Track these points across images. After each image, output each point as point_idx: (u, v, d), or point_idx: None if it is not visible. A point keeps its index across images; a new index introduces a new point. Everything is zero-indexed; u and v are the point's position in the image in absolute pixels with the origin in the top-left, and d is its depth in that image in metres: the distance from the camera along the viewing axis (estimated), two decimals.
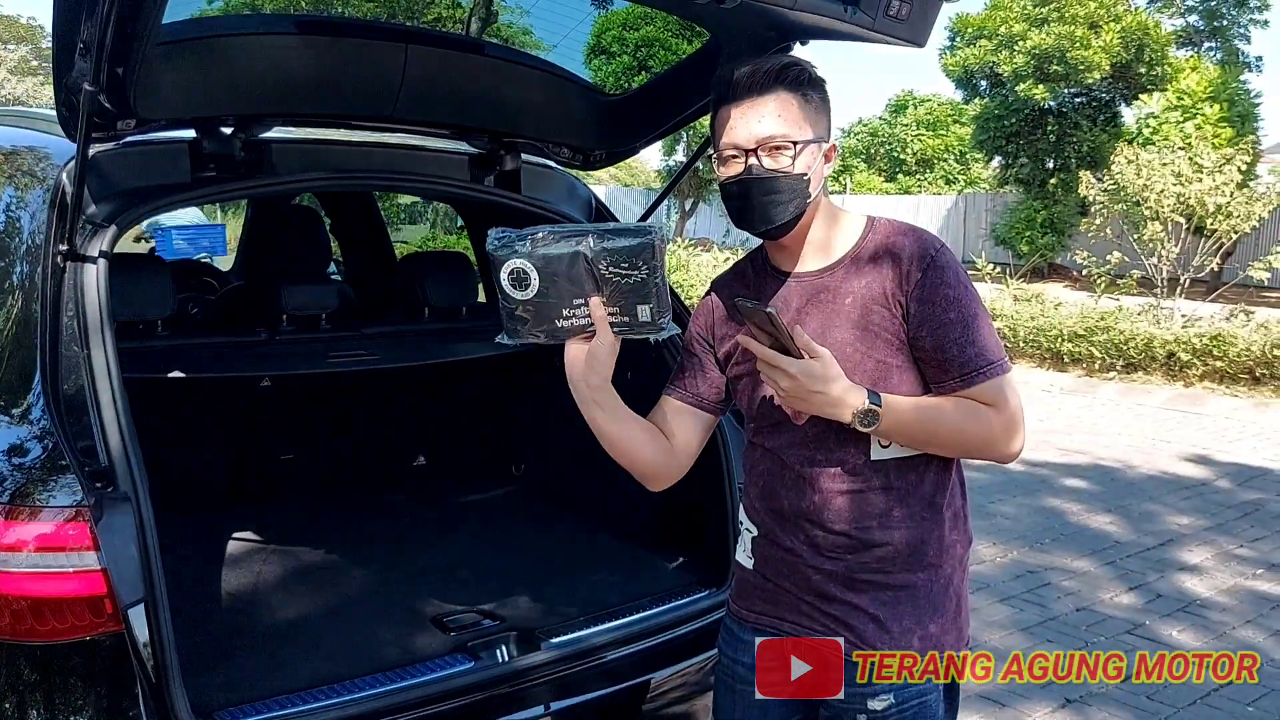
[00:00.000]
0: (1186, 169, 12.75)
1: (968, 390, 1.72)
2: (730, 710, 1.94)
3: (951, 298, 1.71)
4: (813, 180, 1.75)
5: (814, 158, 1.75)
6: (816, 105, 1.76)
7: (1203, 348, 10.03)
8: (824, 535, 1.77)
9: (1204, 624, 4.49)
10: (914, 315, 1.72)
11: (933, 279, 1.72)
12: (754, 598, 1.89)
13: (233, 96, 2.27)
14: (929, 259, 1.73)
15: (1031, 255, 20.47)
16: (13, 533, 1.80)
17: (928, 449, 1.76)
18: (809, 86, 1.75)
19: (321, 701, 2.11)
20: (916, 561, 1.78)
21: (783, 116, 1.73)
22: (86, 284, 2.01)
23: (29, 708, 1.84)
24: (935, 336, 1.71)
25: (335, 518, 3.25)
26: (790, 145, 1.72)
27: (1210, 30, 24.02)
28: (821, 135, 1.76)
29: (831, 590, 1.79)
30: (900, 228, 1.81)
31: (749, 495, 1.89)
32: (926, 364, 1.73)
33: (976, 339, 1.71)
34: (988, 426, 1.72)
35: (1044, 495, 6.49)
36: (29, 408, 1.96)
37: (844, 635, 1.79)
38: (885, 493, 1.76)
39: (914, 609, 1.79)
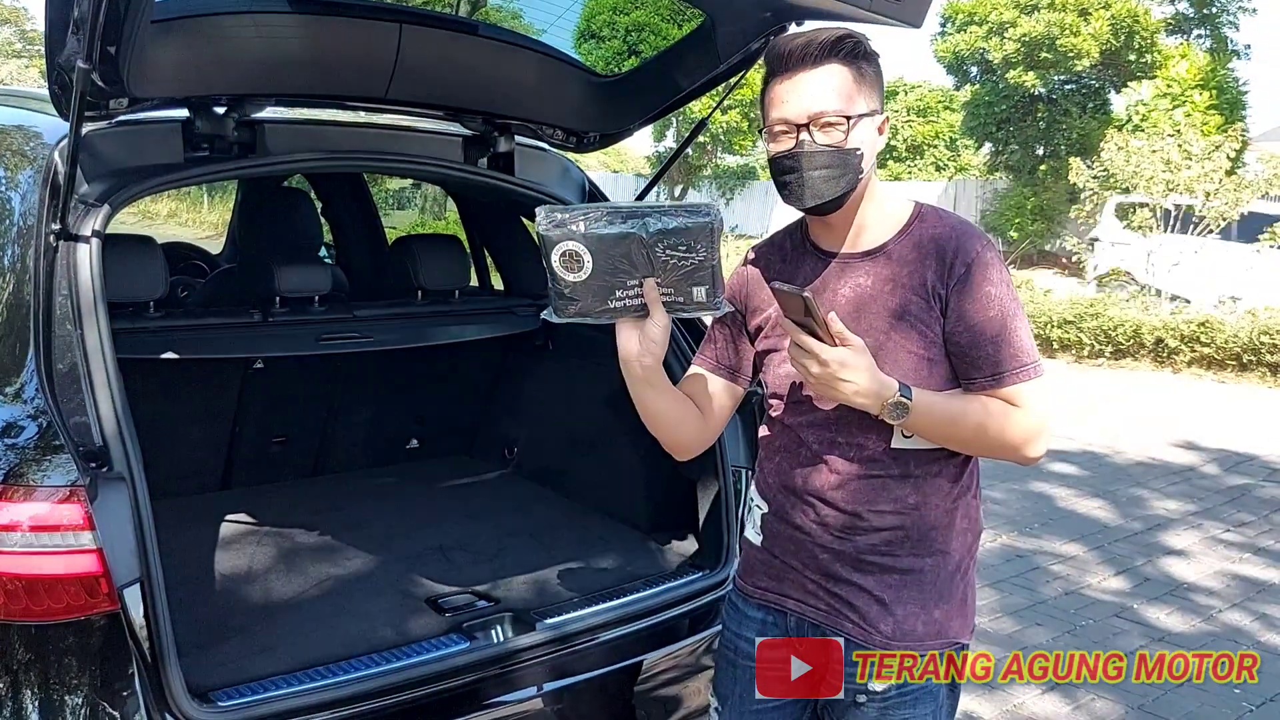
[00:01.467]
0: (1176, 156, 12.79)
1: (998, 390, 1.70)
2: (731, 686, 1.94)
3: (993, 295, 1.70)
4: (866, 155, 1.71)
5: (867, 132, 1.72)
6: (871, 78, 1.72)
7: (1190, 334, 10.09)
8: (835, 515, 1.77)
9: (1191, 608, 4.53)
10: (952, 310, 1.70)
11: (976, 275, 1.70)
12: (760, 574, 1.90)
13: (226, 76, 2.25)
14: (974, 254, 1.71)
15: (1021, 242, 20.51)
16: (7, 512, 1.79)
17: (950, 445, 1.74)
18: (863, 59, 1.71)
19: (318, 682, 2.11)
20: (925, 547, 1.78)
21: (837, 91, 1.68)
22: (79, 263, 2.00)
23: (24, 688, 1.83)
24: (971, 333, 1.69)
25: (328, 499, 3.24)
26: (843, 120, 1.68)
27: (1199, 18, 24.02)
28: (875, 108, 1.72)
29: (838, 570, 1.79)
30: (949, 219, 1.78)
31: (763, 471, 1.89)
32: (959, 359, 1.72)
33: (1013, 339, 1.69)
34: (1014, 428, 1.70)
35: (1033, 480, 6.52)
36: (22, 387, 1.95)
37: (848, 615, 1.79)
38: (902, 480, 1.75)
39: (919, 593, 1.78)
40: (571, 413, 3.38)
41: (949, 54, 22.50)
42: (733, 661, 1.94)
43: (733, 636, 1.95)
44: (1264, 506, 6.11)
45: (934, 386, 1.71)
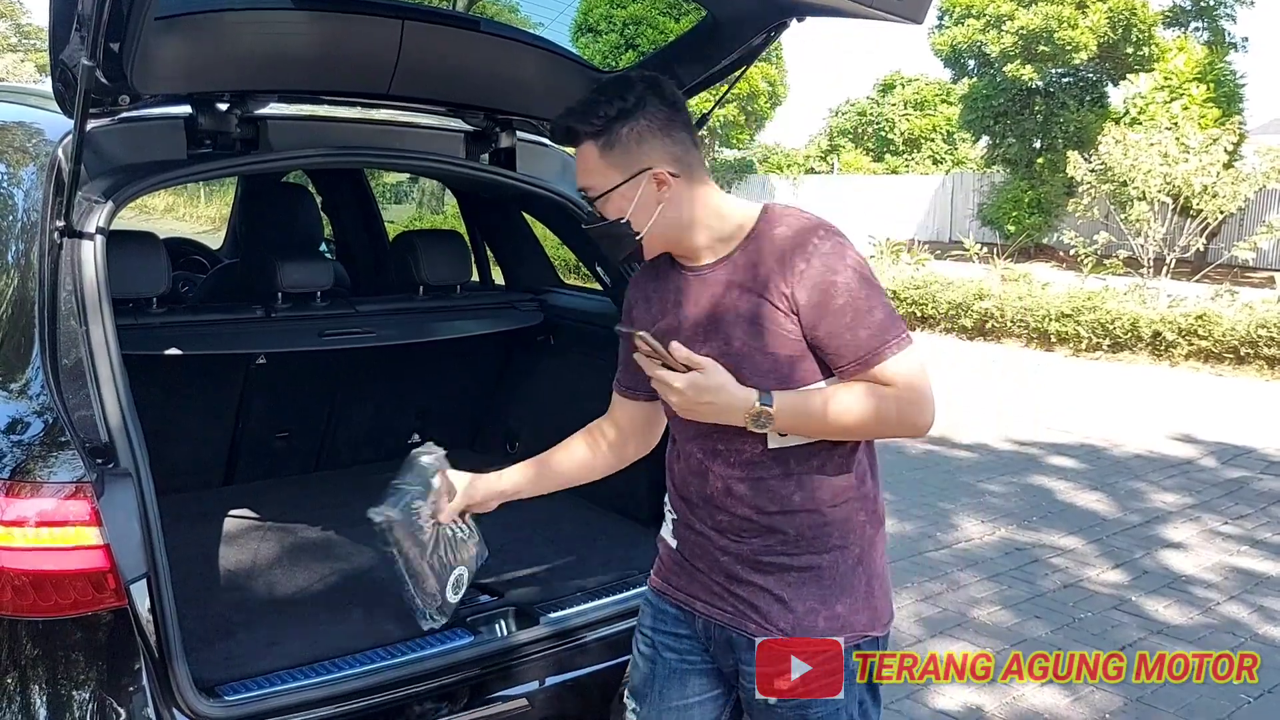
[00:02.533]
0: (1174, 149, 12.80)
1: (865, 374, 1.71)
2: (649, 683, 1.97)
3: (839, 284, 1.70)
4: (636, 218, 1.76)
5: (630, 198, 1.75)
6: (626, 144, 1.74)
7: (1188, 327, 10.10)
8: (727, 519, 1.81)
9: (1189, 600, 4.54)
10: (803, 306, 1.71)
11: (818, 268, 1.70)
12: (674, 574, 1.94)
13: (229, 72, 2.25)
14: (812, 248, 1.72)
15: (1018, 235, 20.53)
16: (14, 508, 1.80)
17: (834, 436, 1.76)
18: (617, 123, 1.73)
19: (323, 676, 2.12)
20: (821, 543, 1.79)
21: (585, 169, 1.78)
22: (84, 260, 2.01)
23: (31, 683, 1.84)
24: (826, 326, 1.70)
25: (331, 494, 3.25)
26: (598, 194, 1.77)
27: (1197, 11, 24.01)
28: (634, 171, 1.74)
29: (739, 572, 1.82)
30: (788, 218, 1.79)
31: (669, 483, 1.93)
32: (823, 351, 1.72)
33: (869, 322, 1.70)
34: (890, 406, 1.72)
35: (1031, 473, 6.53)
36: (28, 383, 1.96)
37: (750, 616, 1.82)
38: (785, 479, 1.77)
39: (819, 589, 1.80)
40: (573, 407, 3.35)
41: (946, 47, 22.49)
42: (651, 658, 1.97)
43: (650, 633, 1.98)
44: (1262, 499, 6.13)
45: (804, 382, 1.73)
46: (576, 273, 8.04)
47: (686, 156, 1.78)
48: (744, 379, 1.71)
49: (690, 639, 1.93)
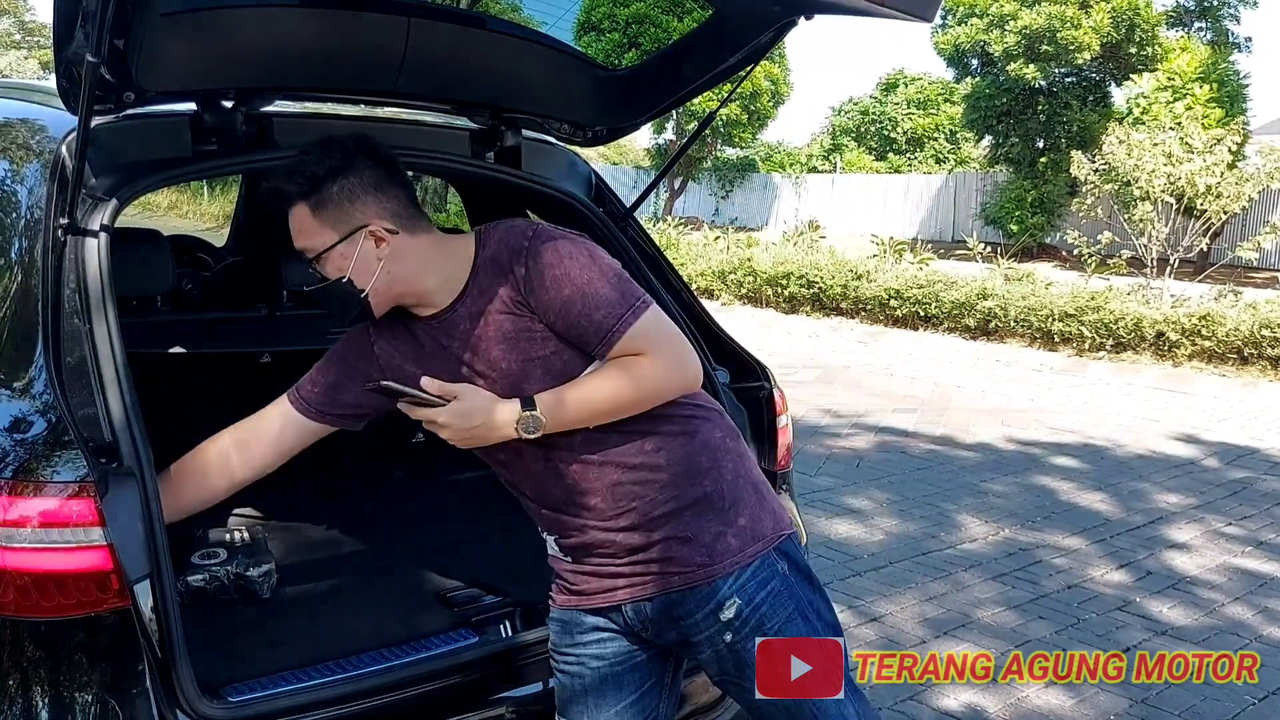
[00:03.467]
0: (1177, 149, 12.77)
1: (613, 351, 1.76)
2: (581, 699, 1.97)
3: (559, 276, 1.75)
4: (359, 276, 1.80)
5: (349, 255, 1.79)
6: (337, 203, 1.79)
7: (1191, 327, 10.08)
8: (600, 502, 1.83)
9: (1193, 601, 4.53)
10: (538, 307, 1.77)
11: (535, 268, 1.76)
12: (581, 583, 1.94)
13: (235, 69, 2.24)
14: (523, 250, 1.78)
15: (1021, 235, 20.51)
16: (17, 508, 1.78)
17: (616, 416, 1.79)
18: (326, 182, 1.79)
19: (327, 676, 2.11)
20: (693, 475, 1.83)
21: (300, 230, 1.82)
22: (88, 257, 1.99)
23: (34, 685, 1.83)
24: (562, 318, 1.76)
25: (335, 494, 3.24)
26: (316, 254, 1.81)
27: (1200, 10, 24.01)
28: (350, 229, 1.79)
29: (638, 541, 1.84)
30: (496, 232, 1.85)
31: (528, 508, 1.95)
32: (572, 342, 1.78)
33: (599, 302, 1.75)
34: (651, 373, 1.77)
35: (1034, 474, 6.52)
36: (31, 382, 1.95)
37: (669, 570, 1.84)
38: (626, 438, 1.81)
39: (716, 514, 1.84)
40: None
41: (949, 46, 22.47)
42: (577, 674, 1.97)
43: (570, 649, 1.98)
44: (1265, 500, 6.12)
45: (579, 371, 1.79)
46: None
47: (404, 210, 1.83)
48: (530, 391, 1.77)
49: (615, 640, 1.94)
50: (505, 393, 1.79)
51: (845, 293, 12.88)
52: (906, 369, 10.18)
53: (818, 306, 13.18)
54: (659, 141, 27.22)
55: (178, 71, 2.14)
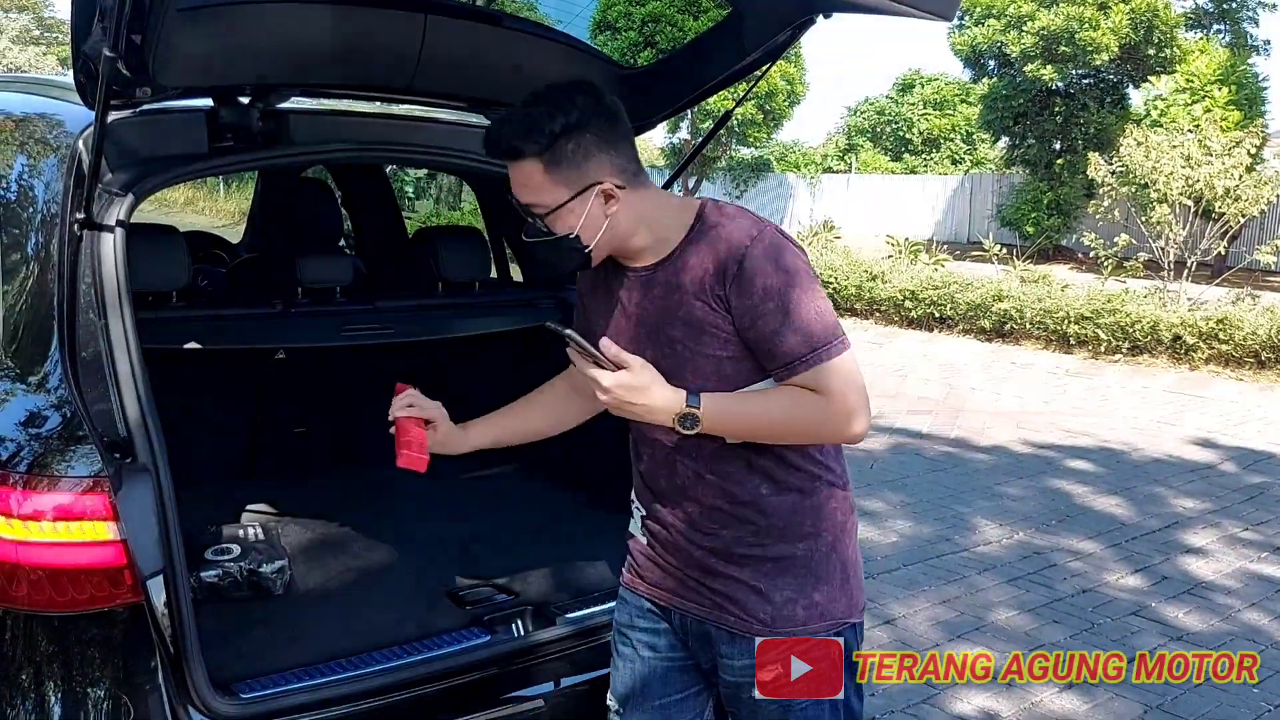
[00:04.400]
0: (1196, 152, 12.69)
1: (792, 379, 1.70)
2: (630, 683, 1.96)
3: (770, 287, 1.68)
4: (586, 231, 1.73)
5: (579, 213, 1.72)
6: (569, 159, 1.71)
7: (1209, 331, 10.01)
8: (698, 512, 1.81)
9: (1209, 606, 4.50)
10: (735, 308, 1.70)
11: (749, 270, 1.69)
12: (647, 571, 1.93)
13: (251, 66, 2.24)
14: (744, 251, 1.70)
15: (1037, 237, 20.41)
16: (31, 502, 1.80)
17: (761, 439, 1.76)
18: (561, 139, 1.70)
19: (339, 674, 2.11)
20: (793, 533, 1.80)
21: (528, 186, 1.73)
22: (104, 253, 2.00)
23: (47, 679, 1.84)
24: (755, 329, 1.70)
25: (348, 491, 3.24)
26: (545, 211, 1.73)
27: (1219, 13, 23.82)
28: (582, 186, 1.72)
29: (713, 564, 1.82)
30: (724, 217, 1.77)
31: (636, 475, 1.92)
32: (756, 353, 1.72)
33: (799, 327, 1.68)
34: (817, 413, 1.70)
35: (1049, 477, 6.49)
36: (46, 377, 1.95)
37: (728, 608, 1.82)
38: (749, 471, 1.78)
39: (795, 579, 1.80)
40: None
41: (966, 47, 22.36)
42: (630, 658, 1.96)
43: (628, 631, 1.97)
44: None
45: (740, 384, 1.73)
46: None
47: (630, 166, 1.78)
48: (686, 381, 1.72)
49: (669, 635, 1.93)
50: (667, 372, 1.73)
51: (860, 293, 12.85)
52: (921, 370, 10.14)
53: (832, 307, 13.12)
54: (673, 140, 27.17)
55: (194, 67, 2.14)
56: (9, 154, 2.41)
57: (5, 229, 2.21)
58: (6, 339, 2.07)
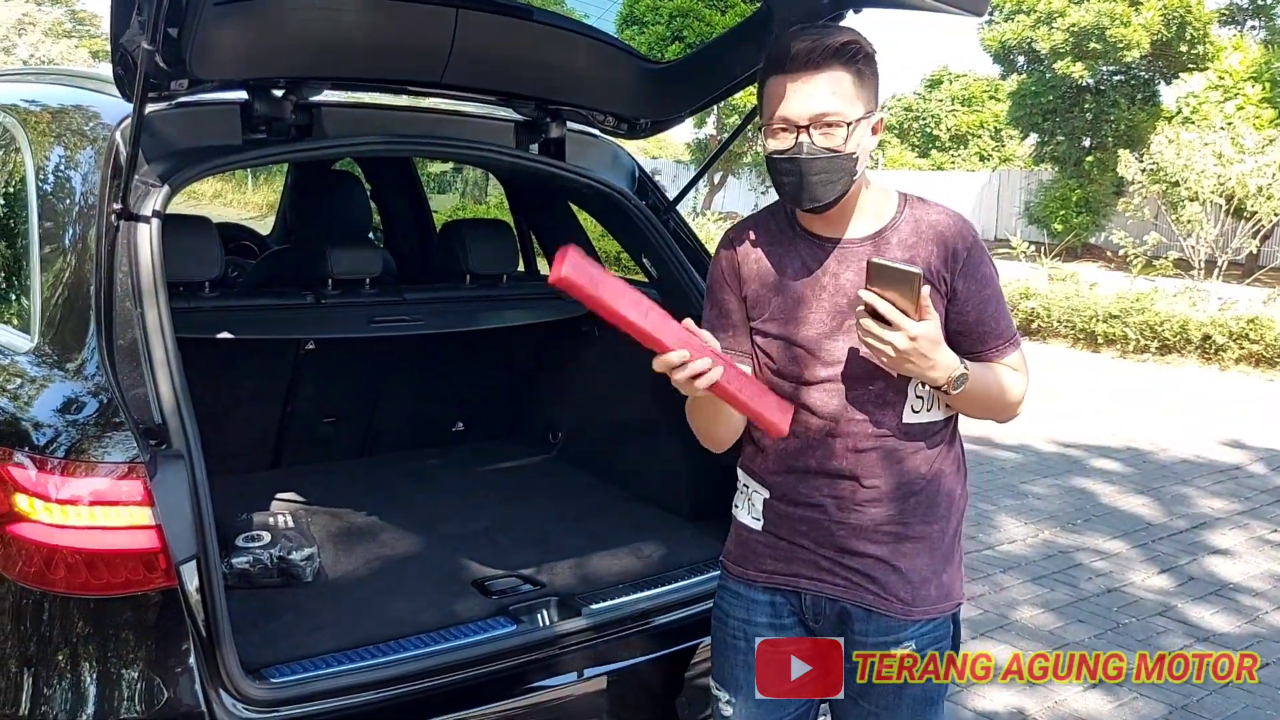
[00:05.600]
0: (1228, 150, 12.56)
1: (1007, 358, 1.86)
2: (745, 674, 1.94)
3: (989, 275, 1.84)
4: (861, 156, 1.76)
5: (864, 134, 1.76)
6: (869, 81, 1.77)
7: (1239, 331, 9.93)
8: (851, 490, 1.83)
9: (1235, 608, 4.46)
10: (960, 291, 1.80)
11: (976, 257, 1.82)
12: (765, 558, 1.92)
13: (285, 59, 2.27)
14: (972, 238, 1.83)
15: (1066, 235, 20.27)
16: (69, 487, 1.83)
17: (969, 410, 1.88)
18: (863, 62, 1.75)
19: (367, 661, 2.13)
20: (932, 514, 1.86)
21: (837, 93, 1.71)
22: (140, 243, 2.03)
23: (82, 660, 1.87)
24: (978, 311, 1.82)
25: (375, 481, 3.27)
26: (843, 124, 1.71)
27: (1253, 9, 23.57)
28: (872, 108, 1.77)
29: (854, 544, 1.84)
30: (936, 207, 1.87)
31: (761, 454, 1.90)
32: (968, 334, 1.82)
33: (1005, 314, 1.87)
34: (1017, 388, 1.87)
35: (1075, 476, 6.45)
36: (84, 364, 1.98)
37: (867, 587, 1.85)
38: (914, 453, 1.83)
39: (930, 559, 1.87)
40: (615, 399, 3.39)
41: (995, 43, 22.24)
42: (744, 650, 1.94)
43: (740, 624, 1.95)
44: None
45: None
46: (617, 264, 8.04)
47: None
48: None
49: (792, 626, 1.91)
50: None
51: None
52: None
53: None
54: (699, 136, 27.15)
55: (229, 60, 2.17)
56: (47, 146, 2.45)
57: (44, 219, 2.25)
58: (45, 326, 2.11)
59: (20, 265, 2.32)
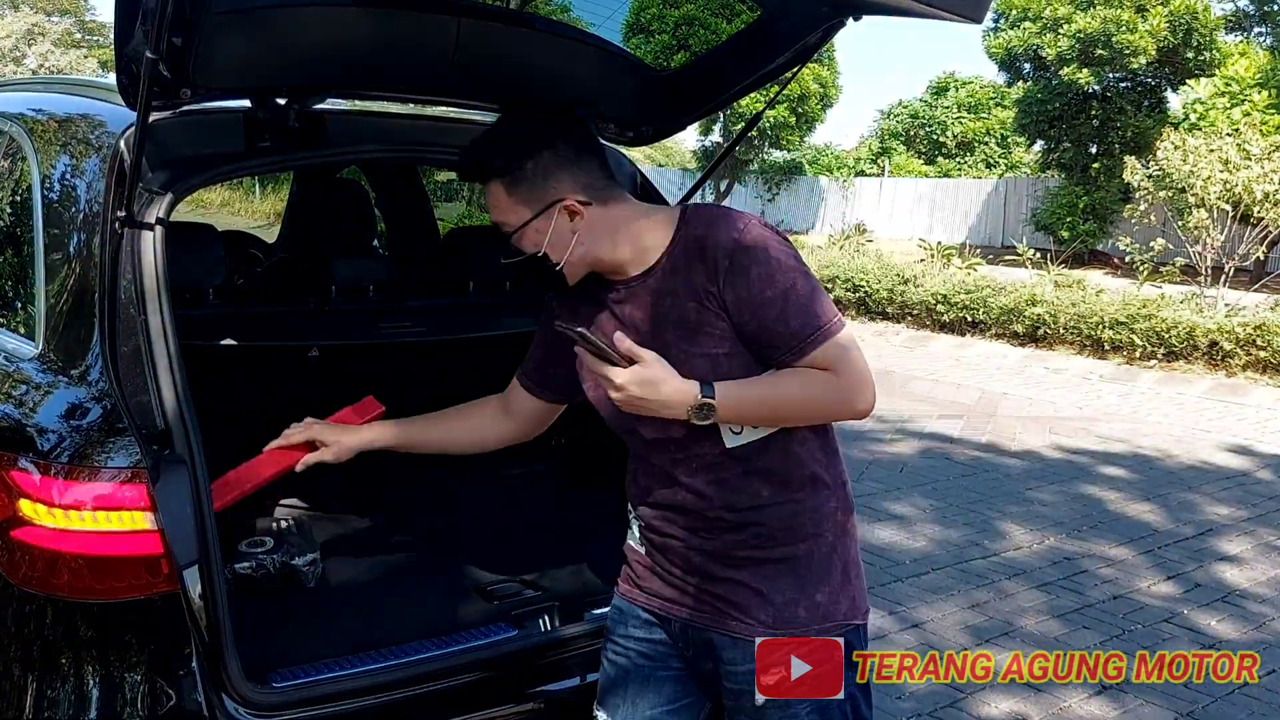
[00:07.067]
0: (1235, 156, 12.53)
1: (801, 361, 1.72)
2: (622, 693, 1.96)
3: (765, 275, 1.71)
4: (554, 249, 1.80)
5: (544, 230, 1.79)
6: (532, 180, 1.78)
7: (1246, 337, 9.89)
8: (700, 519, 1.81)
9: (1243, 615, 4.45)
10: (731, 304, 1.72)
11: (741, 263, 1.71)
12: (645, 580, 1.93)
13: (289, 68, 2.27)
14: (731, 244, 1.72)
15: (1072, 241, 20.24)
16: (72, 492, 1.84)
17: (776, 425, 1.77)
18: (515, 162, 1.78)
19: (369, 665, 2.14)
20: (793, 534, 1.80)
21: (497, 207, 1.82)
22: (144, 250, 2.04)
23: (85, 664, 1.88)
24: (757, 319, 1.72)
25: (379, 486, 3.27)
26: (513, 231, 1.81)
27: (1260, 15, 23.54)
28: (545, 204, 1.79)
29: (714, 569, 1.82)
30: (705, 217, 1.80)
31: (635, 486, 1.93)
32: (758, 344, 1.74)
33: (800, 309, 1.71)
34: (830, 389, 1.73)
35: (1081, 483, 6.44)
36: (87, 370, 2.00)
37: (729, 613, 1.82)
38: (748, 476, 1.79)
39: (796, 579, 1.80)
40: None
41: (1001, 50, 22.22)
42: (625, 667, 1.96)
43: (622, 641, 1.97)
44: None
45: (740, 377, 1.74)
46: None
47: (598, 183, 1.83)
48: None
49: (666, 644, 1.93)
50: None
51: (891, 297, 12.80)
52: (952, 375, 10.09)
53: (863, 311, 13.11)
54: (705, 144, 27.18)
55: (233, 69, 2.18)
56: (53, 154, 2.46)
57: (49, 226, 2.27)
58: (50, 333, 2.12)
59: (26, 272, 2.34)
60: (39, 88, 3.11)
